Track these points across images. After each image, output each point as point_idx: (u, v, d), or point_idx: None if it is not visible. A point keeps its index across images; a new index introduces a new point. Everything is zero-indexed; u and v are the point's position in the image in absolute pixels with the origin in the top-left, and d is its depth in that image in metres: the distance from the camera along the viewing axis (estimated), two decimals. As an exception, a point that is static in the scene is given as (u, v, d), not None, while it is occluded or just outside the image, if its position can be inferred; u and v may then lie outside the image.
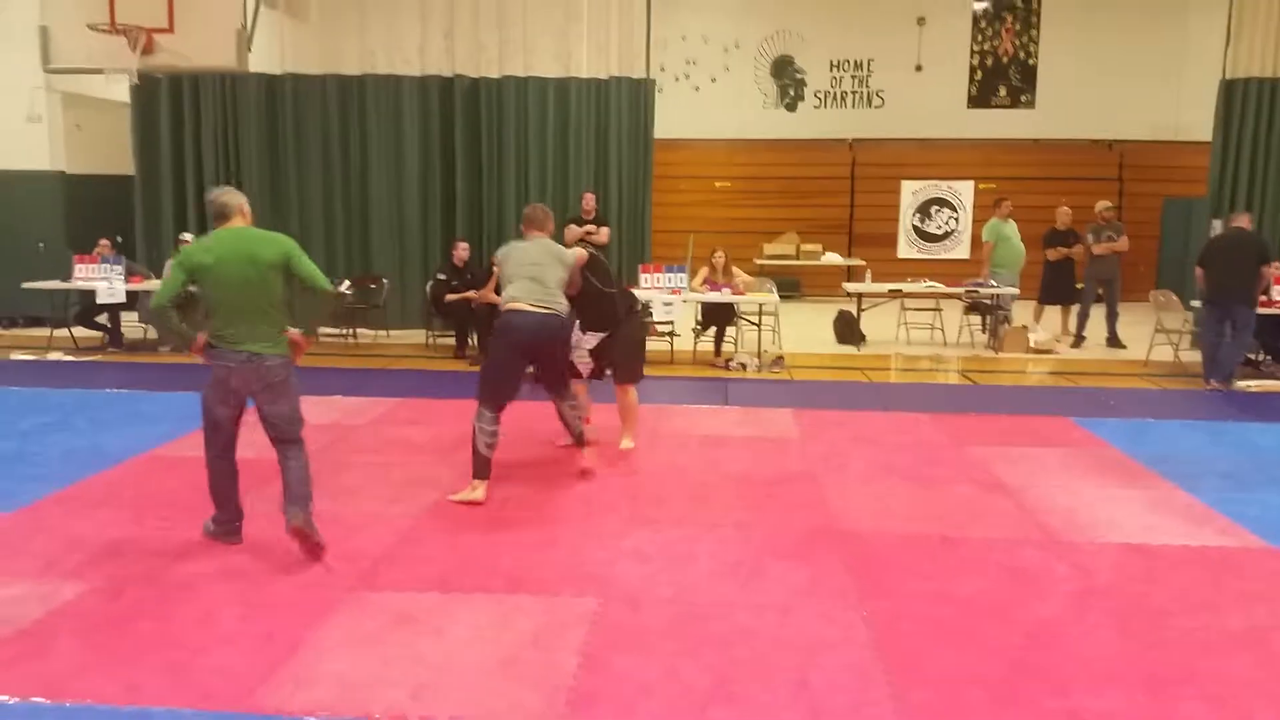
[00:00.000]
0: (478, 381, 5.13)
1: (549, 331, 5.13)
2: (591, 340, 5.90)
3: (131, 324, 10.40)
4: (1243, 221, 8.74)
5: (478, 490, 5.00)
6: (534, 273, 5.16)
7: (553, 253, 5.33)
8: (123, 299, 9.77)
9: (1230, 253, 8.51)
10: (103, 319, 10.12)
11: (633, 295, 6.34)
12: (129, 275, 9.80)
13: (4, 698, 3.01)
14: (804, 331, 11.31)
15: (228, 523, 4.39)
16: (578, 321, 5.76)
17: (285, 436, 4.29)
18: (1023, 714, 3.00)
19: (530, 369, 5.28)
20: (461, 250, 9.88)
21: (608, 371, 6.02)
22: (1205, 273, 8.62)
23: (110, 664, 3.23)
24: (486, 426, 4.98)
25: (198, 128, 11.04)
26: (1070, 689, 3.14)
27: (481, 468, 5.02)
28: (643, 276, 9.53)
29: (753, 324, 9.90)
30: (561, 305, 5.22)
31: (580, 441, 5.58)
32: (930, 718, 2.97)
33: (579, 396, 5.77)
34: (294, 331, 4.34)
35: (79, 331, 10.21)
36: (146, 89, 10.81)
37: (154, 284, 9.94)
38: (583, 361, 5.94)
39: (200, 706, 2.98)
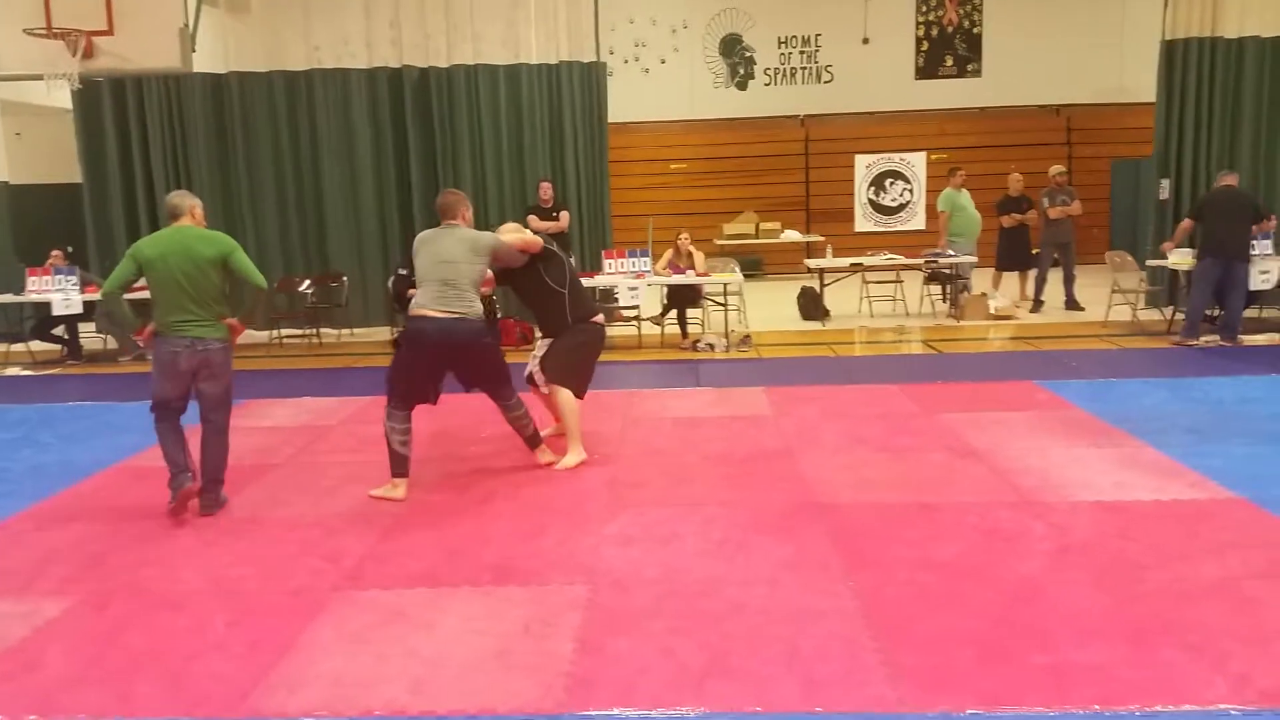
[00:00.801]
0: (385, 380, 5.06)
1: (458, 337, 4.92)
2: (543, 348, 5.58)
3: (90, 334, 10.22)
4: (1231, 180, 8.98)
5: (398, 488, 4.96)
6: (444, 273, 4.94)
7: (467, 243, 5.06)
8: (79, 310, 9.60)
9: (1228, 209, 8.75)
10: (60, 331, 9.94)
11: (593, 306, 5.74)
12: (84, 285, 9.63)
13: (-5, 718, 2.98)
14: (768, 310, 11.38)
15: (178, 475, 4.74)
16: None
17: (214, 414, 4.85)
18: (1011, 671, 3.07)
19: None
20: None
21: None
22: (1201, 228, 8.81)
23: (101, 677, 3.20)
24: (398, 425, 4.94)
25: (144, 131, 10.86)
26: (1055, 644, 3.22)
27: (399, 465, 4.97)
28: (606, 262, 9.54)
29: (718, 305, 9.95)
30: (473, 308, 4.98)
31: (533, 444, 5.47)
32: (921, 679, 3.03)
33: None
34: (231, 320, 4.83)
35: (36, 345, 10.02)
36: (89, 94, 10.59)
37: (109, 293, 9.77)
38: (537, 371, 5.60)
39: (195, 714, 2.96)
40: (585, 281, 9.73)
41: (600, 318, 5.66)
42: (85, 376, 9.07)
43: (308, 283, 10.72)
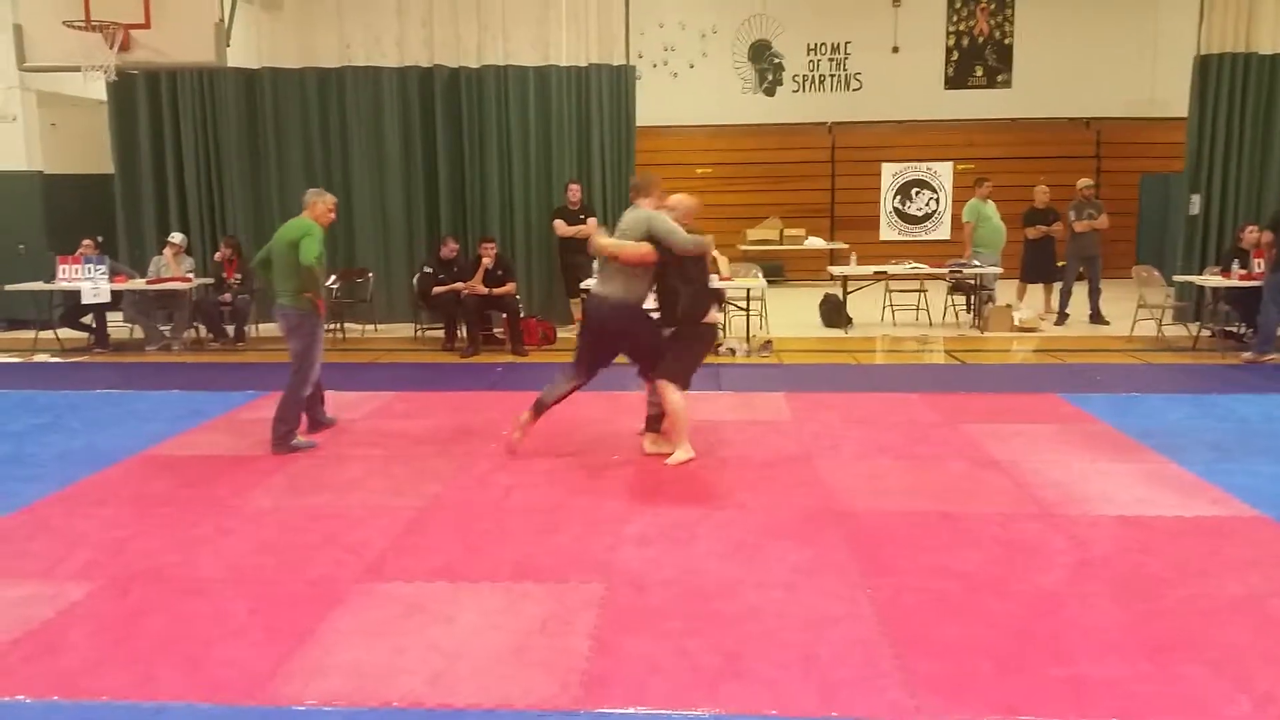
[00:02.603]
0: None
1: (602, 314, 5.51)
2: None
3: (117, 324, 10.33)
4: None
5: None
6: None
7: (628, 224, 5.45)
8: (108, 299, 9.71)
9: None
10: (88, 320, 10.05)
11: (708, 307, 5.71)
12: (113, 275, 9.74)
13: (20, 697, 3.02)
14: (790, 316, 11.36)
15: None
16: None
17: (291, 367, 5.89)
18: (1028, 683, 3.05)
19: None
20: (450, 247, 9.86)
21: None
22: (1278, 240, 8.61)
23: (123, 660, 3.24)
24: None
25: (176, 124, 10.96)
26: (1074, 658, 3.20)
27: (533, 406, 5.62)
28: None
29: (740, 309, 9.95)
30: (613, 288, 5.43)
31: (651, 426, 5.76)
32: (937, 688, 3.02)
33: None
34: (308, 294, 5.83)
35: (64, 333, 10.14)
36: (123, 86, 10.71)
37: (139, 283, 9.88)
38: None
39: (214, 699, 3.00)
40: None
41: (714, 316, 5.89)
42: (112, 365, 9.16)
43: (333, 278, 10.78)
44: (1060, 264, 11.15)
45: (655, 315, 5.67)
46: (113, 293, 9.74)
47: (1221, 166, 10.63)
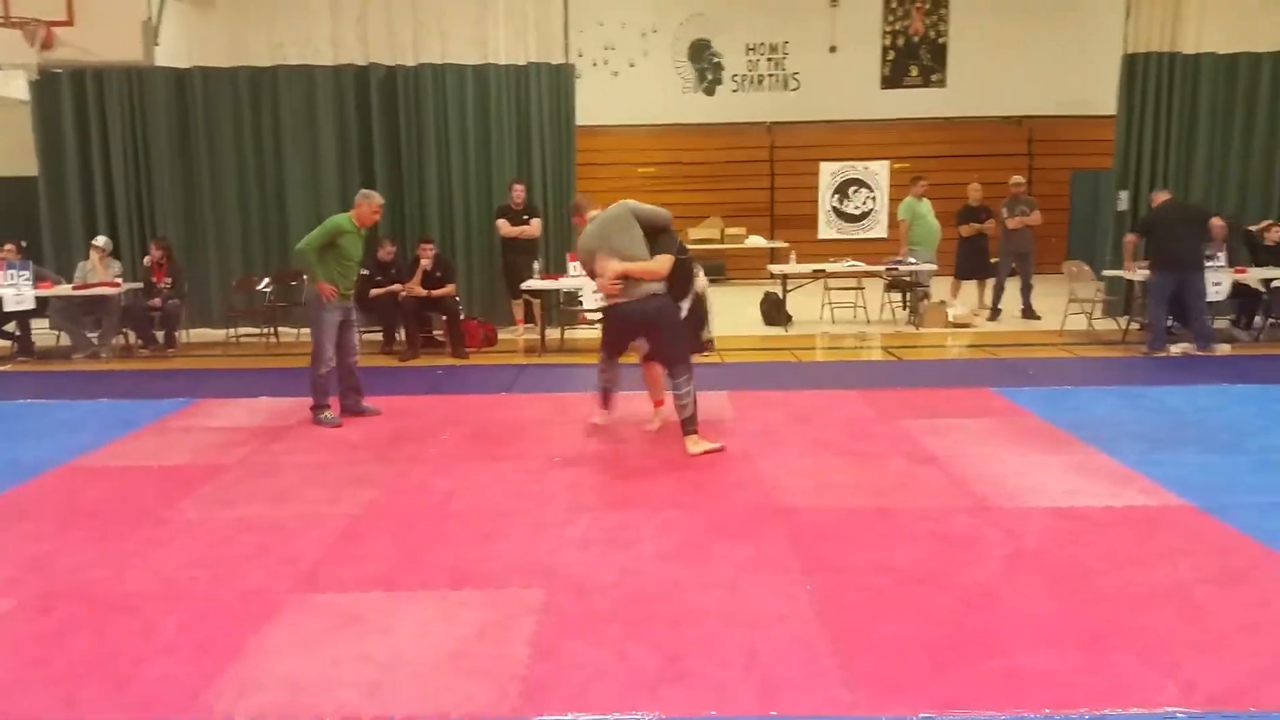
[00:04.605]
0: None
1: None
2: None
3: (43, 331, 10.03)
4: (1166, 196, 9.03)
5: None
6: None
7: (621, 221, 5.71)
8: (31, 305, 9.41)
9: (1177, 223, 8.75)
10: (10, 327, 9.74)
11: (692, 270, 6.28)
12: (37, 280, 9.45)
13: (-66, 722, 2.90)
14: (732, 315, 11.41)
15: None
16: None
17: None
18: (965, 676, 3.09)
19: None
20: (387, 249, 9.73)
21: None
22: (1153, 243, 8.85)
23: (45, 681, 3.13)
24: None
25: (104, 124, 10.69)
26: (1009, 649, 3.25)
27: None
28: (571, 265, 9.52)
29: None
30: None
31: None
32: (876, 683, 3.04)
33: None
34: (321, 283, 6.39)
35: (-14, 341, 9.82)
36: (47, 86, 10.42)
37: (64, 289, 9.61)
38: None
39: (141, 717, 2.91)
40: (549, 284, 9.79)
41: (701, 283, 6.43)
42: (37, 374, 8.89)
43: (266, 281, 10.59)
44: (993, 260, 11.36)
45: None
46: (38, 299, 9.45)
47: (1150, 163, 10.91)
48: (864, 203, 16.54)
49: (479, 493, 5.05)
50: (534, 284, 9.74)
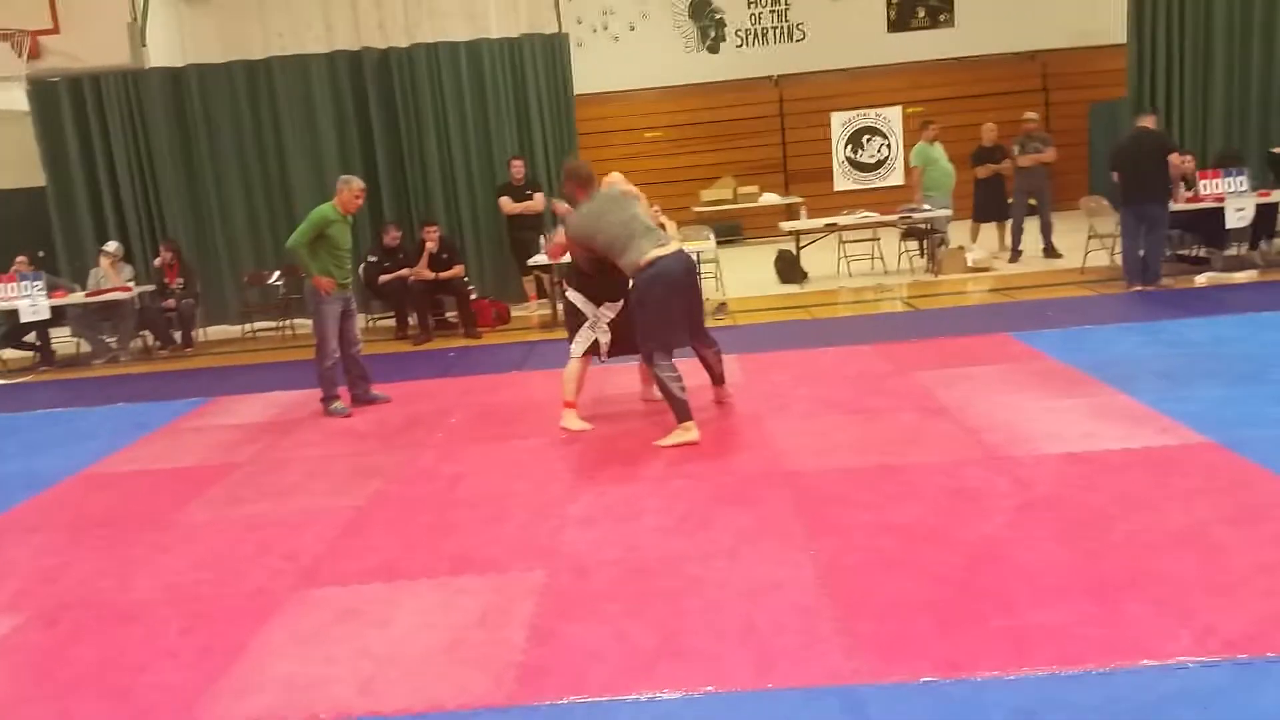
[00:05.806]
0: (641, 337, 5.26)
1: (691, 264, 5.42)
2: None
3: (63, 339, 10.12)
4: (1148, 122, 8.80)
5: (691, 431, 5.15)
6: (645, 220, 5.28)
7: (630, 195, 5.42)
8: (47, 315, 9.49)
9: (1135, 154, 8.58)
10: (30, 338, 9.83)
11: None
12: (51, 290, 9.52)
13: (-65, 743, 2.92)
14: (748, 274, 11.29)
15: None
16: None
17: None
18: (970, 636, 3.01)
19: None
20: (393, 235, 9.69)
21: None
22: (1119, 175, 8.68)
23: (45, 695, 3.14)
24: (670, 372, 5.15)
25: (105, 129, 10.69)
26: (1016, 605, 3.16)
27: (682, 410, 5.15)
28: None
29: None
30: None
31: (719, 381, 5.86)
32: (877, 648, 2.97)
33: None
34: (318, 278, 6.37)
35: (9, 353, 9.92)
36: (45, 95, 10.43)
37: (78, 296, 9.67)
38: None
39: (142, 727, 2.91)
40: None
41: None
42: (57, 383, 8.98)
43: (278, 274, 10.60)
44: (1010, 201, 11.11)
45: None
46: (55, 308, 9.53)
47: (1164, 91, 10.57)
48: (879, 151, 16.26)
49: (485, 476, 5.01)
50: (539, 259, 9.65)
